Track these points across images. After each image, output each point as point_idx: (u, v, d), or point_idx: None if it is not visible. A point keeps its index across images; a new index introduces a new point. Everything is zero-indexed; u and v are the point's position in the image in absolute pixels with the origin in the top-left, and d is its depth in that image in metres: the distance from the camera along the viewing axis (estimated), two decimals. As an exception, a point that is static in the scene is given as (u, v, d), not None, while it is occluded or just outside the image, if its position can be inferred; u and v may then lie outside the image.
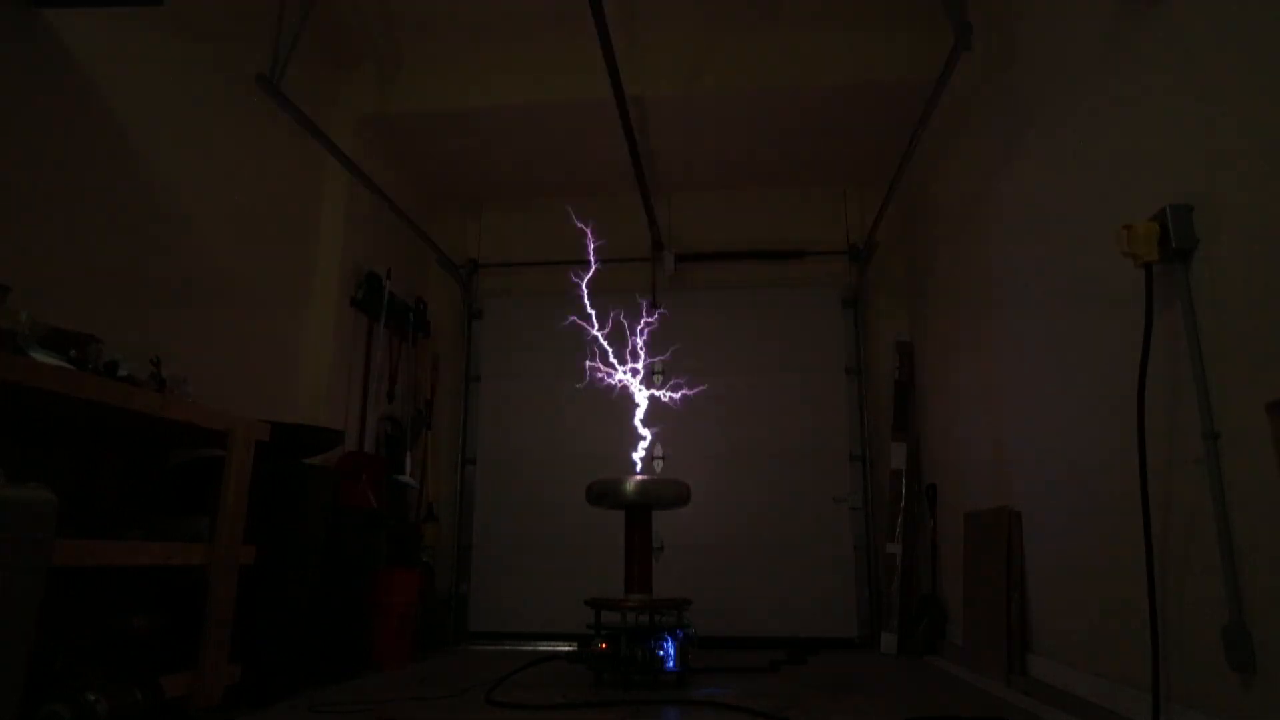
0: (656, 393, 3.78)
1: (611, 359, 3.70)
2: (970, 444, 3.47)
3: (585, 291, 3.79)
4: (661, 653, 2.87)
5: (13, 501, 1.51)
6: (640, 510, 3.22)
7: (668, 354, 4.45)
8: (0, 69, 2.21)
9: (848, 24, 3.92)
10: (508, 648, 4.23)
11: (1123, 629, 2.10)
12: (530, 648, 4.15)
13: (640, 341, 3.70)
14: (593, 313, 3.77)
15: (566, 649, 3.14)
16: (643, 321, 3.77)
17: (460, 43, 4.11)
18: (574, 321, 4.61)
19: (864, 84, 3.95)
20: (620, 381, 3.65)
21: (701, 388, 4.65)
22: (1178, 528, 1.87)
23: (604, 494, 3.15)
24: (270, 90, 3.02)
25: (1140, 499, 1.88)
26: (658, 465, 4.56)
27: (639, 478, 3.18)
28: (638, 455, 3.50)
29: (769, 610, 4.31)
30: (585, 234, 3.75)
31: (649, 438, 3.54)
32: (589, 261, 3.89)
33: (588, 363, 3.75)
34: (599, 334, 3.71)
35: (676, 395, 4.44)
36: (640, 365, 3.68)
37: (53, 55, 2.39)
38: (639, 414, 3.58)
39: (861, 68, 3.94)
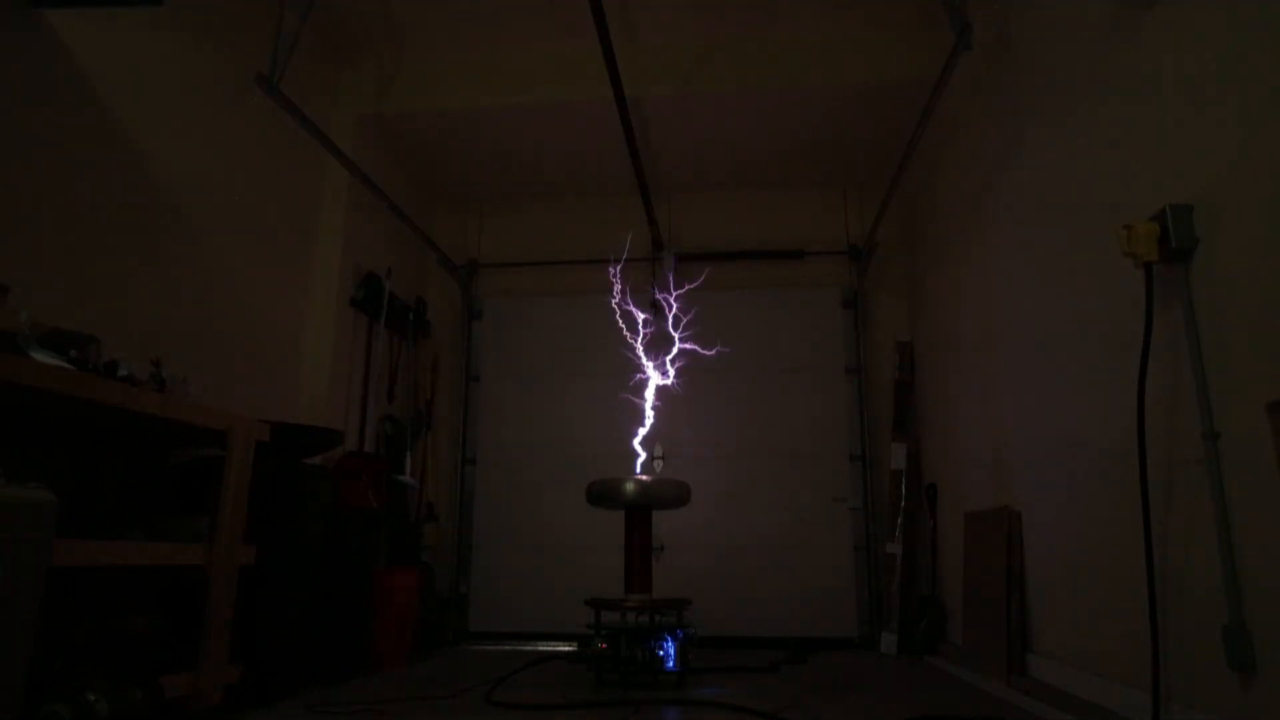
0: (656, 392, 3.78)
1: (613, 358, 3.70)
2: (970, 444, 3.47)
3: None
4: (661, 653, 2.87)
5: (13, 501, 1.51)
6: (640, 510, 3.22)
7: (667, 353, 4.45)
8: (0, 69, 2.21)
9: (847, 24, 3.92)
10: (508, 648, 4.22)
11: (1123, 629, 2.10)
12: (530, 648, 4.15)
13: (640, 342, 3.70)
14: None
15: (566, 649, 3.14)
16: (642, 321, 3.77)
17: (460, 43, 4.11)
18: (574, 321, 4.62)
19: (864, 84, 3.95)
20: (621, 380, 3.65)
21: (701, 388, 4.66)
22: (1178, 528, 1.87)
23: (604, 494, 3.15)
24: (270, 90, 3.02)
25: (1140, 499, 1.88)
26: (658, 465, 4.56)
27: (639, 478, 3.18)
28: (638, 455, 3.50)
29: (769, 610, 4.31)
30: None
31: (649, 438, 3.54)
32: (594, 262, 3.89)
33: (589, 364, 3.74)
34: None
35: (676, 395, 4.44)
36: (640, 365, 3.68)
37: (53, 55, 2.39)
38: (639, 413, 3.58)
39: (861, 68, 3.94)
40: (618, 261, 3.90)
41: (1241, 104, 1.67)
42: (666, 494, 3.19)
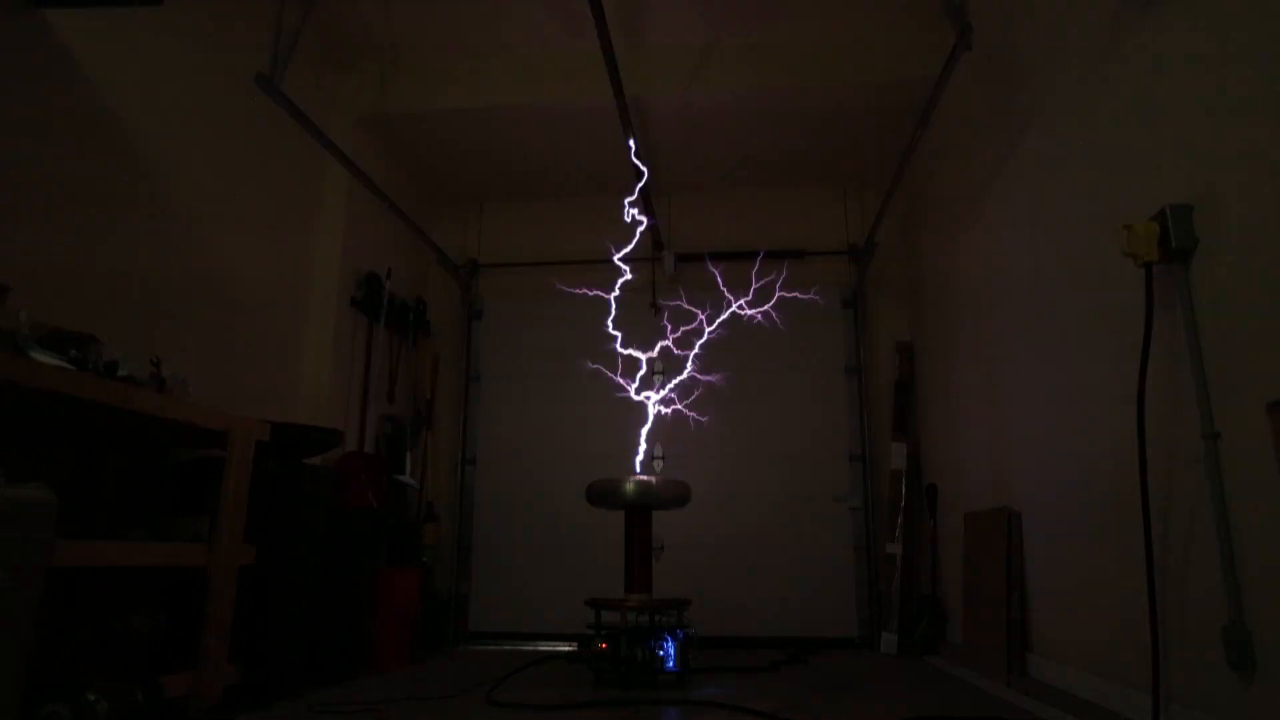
0: (656, 392, 3.78)
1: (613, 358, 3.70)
2: (970, 444, 3.47)
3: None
4: (661, 653, 2.87)
5: (13, 501, 1.51)
6: (640, 510, 3.22)
7: (667, 353, 4.45)
8: (0, 69, 2.21)
9: (848, 24, 3.92)
10: (508, 648, 4.23)
11: (1123, 629, 2.10)
12: (530, 648, 4.15)
13: (640, 341, 3.70)
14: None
15: (566, 649, 3.14)
16: (641, 321, 3.77)
17: (460, 43, 4.11)
18: (574, 320, 4.60)
19: (864, 84, 3.95)
20: (621, 381, 3.66)
21: (701, 388, 4.66)
22: (1178, 528, 1.87)
23: (604, 494, 3.15)
24: (270, 90, 3.02)
25: (1140, 499, 1.88)
26: (658, 465, 4.56)
27: (639, 478, 3.18)
28: (637, 455, 3.50)
29: (769, 610, 4.31)
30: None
31: (649, 438, 3.54)
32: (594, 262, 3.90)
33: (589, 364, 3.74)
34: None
35: (676, 395, 4.43)
36: (641, 365, 3.68)
37: (53, 55, 2.39)
38: (639, 414, 3.58)
39: (861, 68, 3.94)
40: (616, 261, 3.91)
41: (1242, 104, 1.67)
42: (666, 494, 3.19)
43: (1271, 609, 1.56)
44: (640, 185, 3.92)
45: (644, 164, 3.87)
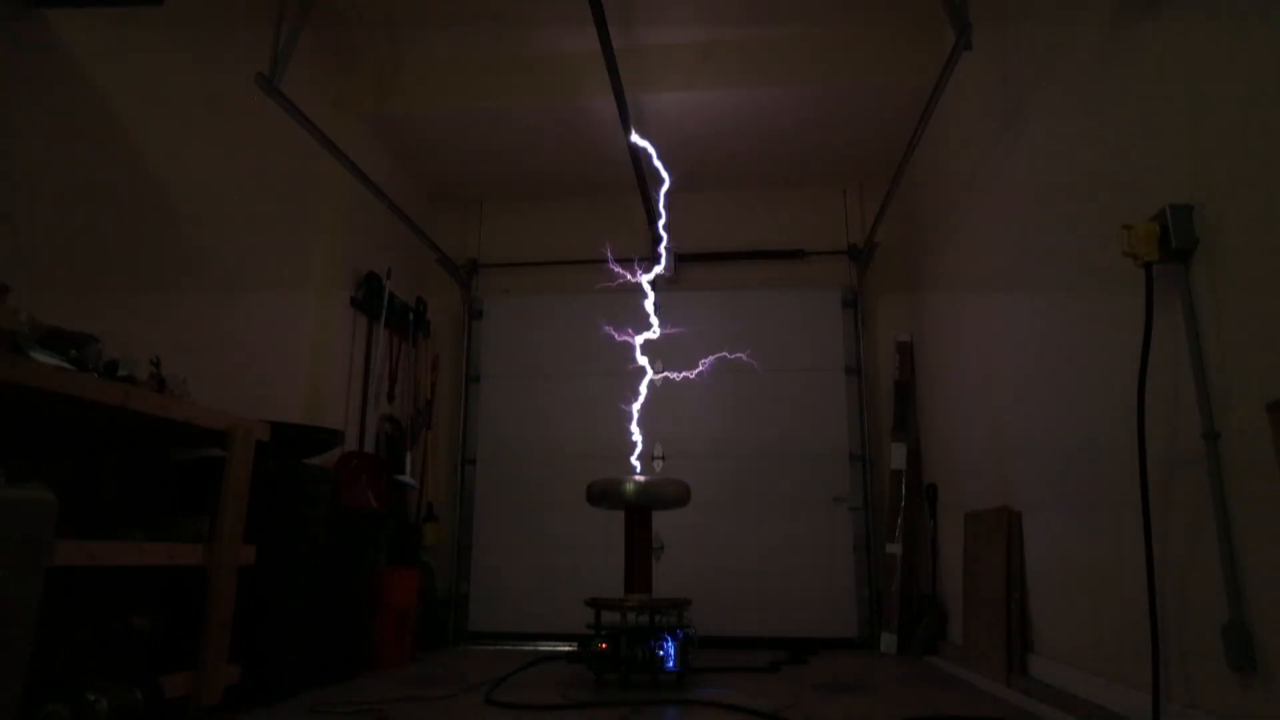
0: (656, 392, 3.78)
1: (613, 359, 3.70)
2: (970, 444, 3.47)
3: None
4: (661, 653, 2.87)
5: (13, 501, 1.51)
6: (640, 510, 3.22)
7: (668, 354, 4.45)
8: (0, 69, 2.21)
9: (847, 24, 3.92)
10: (508, 648, 4.23)
11: (1123, 629, 2.10)
12: (530, 648, 4.15)
13: (640, 341, 3.70)
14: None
15: (566, 649, 3.14)
16: (642, 321, 3.77)
17: (460, 43, 4.11)
18: (574, 321, 4.61)
19: (864, 84, 3.95)
20: (620, 380, 3.66)
21: (701, 388, 4.66)
22: (1178, 528, 1.87)
23: (604, 494, 3.15)
24: (270, 90, 3.02)
25: (1140, 499, 1.88)
26: (657, 465, 4.56)
27: (639, 478, 3.18)
28: (637, 455, 3.50)
29: (769, 610, 4.31)
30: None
31: (649, 437, 3.54)
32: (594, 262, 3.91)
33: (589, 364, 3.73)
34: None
35: (676, 395, 4.44)
36: (641, 365, 3.68)
37: (53, 55, 2.39)
38: (639, 414, 3.58)
39: (861, 68, 3.94)
40: (617, 261, 3.91)
41: (1242, 104, 1.67)
42: (666, 494, 3.19)
43: (1271, 609, 1.56)
44: (640, 186, 3.92)
45: (643, 164, 3.87)
